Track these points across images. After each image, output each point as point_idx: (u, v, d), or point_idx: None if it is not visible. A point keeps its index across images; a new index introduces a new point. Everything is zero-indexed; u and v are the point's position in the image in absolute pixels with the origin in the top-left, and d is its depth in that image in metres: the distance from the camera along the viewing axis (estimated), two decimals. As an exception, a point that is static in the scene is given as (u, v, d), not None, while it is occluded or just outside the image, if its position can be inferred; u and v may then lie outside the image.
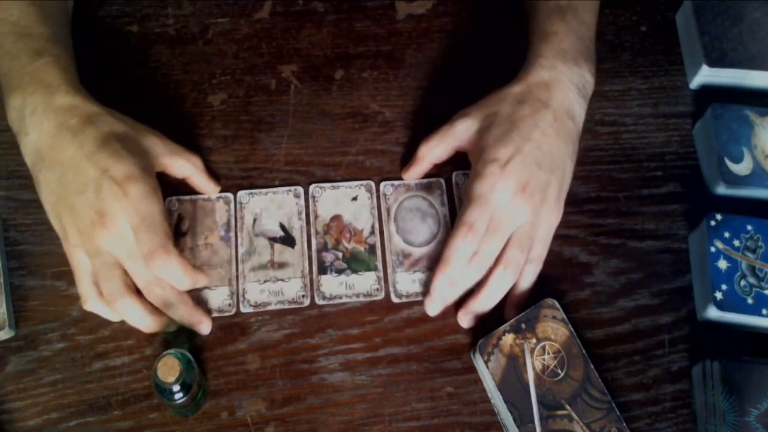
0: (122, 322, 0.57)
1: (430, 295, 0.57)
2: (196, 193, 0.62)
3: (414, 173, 0.62)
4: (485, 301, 0.57)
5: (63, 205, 0.52)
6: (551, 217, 0.57)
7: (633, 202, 0.64)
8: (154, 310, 0.54)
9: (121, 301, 0.52)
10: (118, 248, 0.52)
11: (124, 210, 0.51)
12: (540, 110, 0.57)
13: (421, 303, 0.59)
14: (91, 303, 0.53)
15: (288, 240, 0.61)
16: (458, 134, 0.60)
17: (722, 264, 0.59)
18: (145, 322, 0.53)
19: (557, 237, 0.62)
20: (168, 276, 0.53)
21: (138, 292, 0.54)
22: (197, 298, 0.58)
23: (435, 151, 0.60)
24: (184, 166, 0.58)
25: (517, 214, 0.55)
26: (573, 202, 0.64)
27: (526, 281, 0.58)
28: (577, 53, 0.59)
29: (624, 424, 0.54)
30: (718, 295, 0.58)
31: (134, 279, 0.53)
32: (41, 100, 0.53)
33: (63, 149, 0.52)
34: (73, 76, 0.56)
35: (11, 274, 0.59)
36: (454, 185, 0.63)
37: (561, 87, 0.58)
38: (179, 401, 0.51)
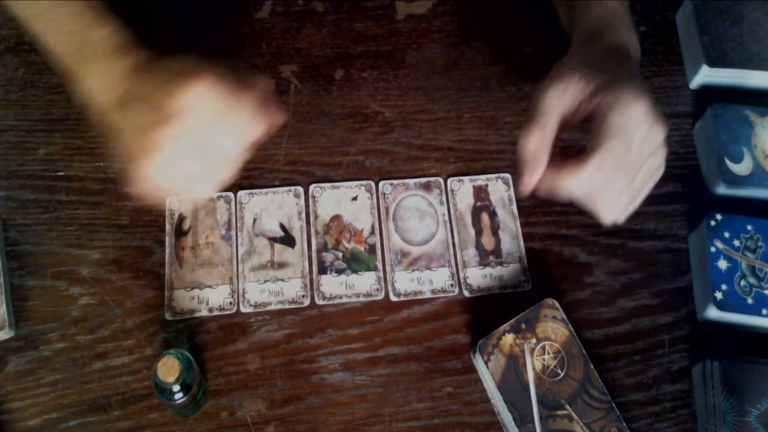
0: (122, 322, 0.57)
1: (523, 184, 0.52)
2: (196, 193, 0.62)
3: (531, 181, 0.53)
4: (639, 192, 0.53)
5: (143, 126, 0.51)
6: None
7: (633, 202, 0.64)
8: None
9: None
10: (200, 107, 0.50)
11: (206, 77, 0.50)
12: (626, 59, 0.55)
13: (420, 303, 0.59)
14: (215, 187, 0.52)
15: (288, 240, 0.61)
16: (559, 104, 0.52)
17: (722, 264, 0.59)
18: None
19: (557, 237, 0.62)
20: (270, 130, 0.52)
21: None
22: (199, 297, 0.58)
23: (543, 143, 0.52)
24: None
25: (653, 143, 0.51)
26: (573, 202, 0.63)
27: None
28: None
29: (624, 424, 0.54)
30: (718, 295, 0.58)
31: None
32: (118, 61, 0.54)
33: (144, 80, 0.52)
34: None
35: (11, 274, 0.59)
36: (449, 191, 0.63)
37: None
38: (179, 401, 0.51)
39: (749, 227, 0.60)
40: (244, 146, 0.52)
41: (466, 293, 0.60)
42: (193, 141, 0.51)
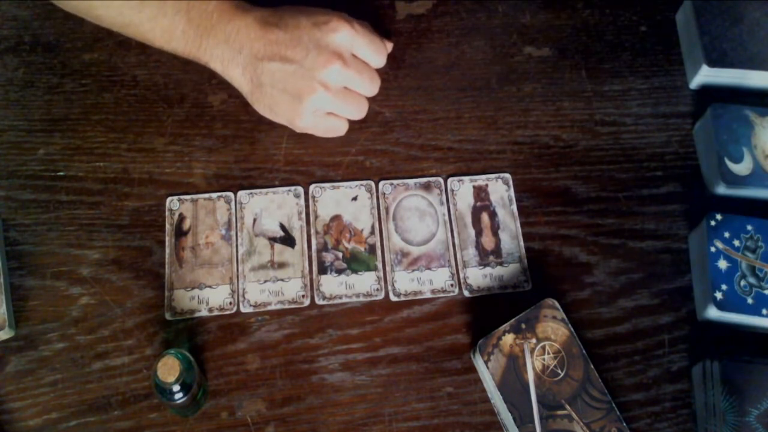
0: (122, 322, 0.57)
1: None
2: (197, 192, 0.62)
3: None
4: None
5: (292, 74, 0.58)
6: None
7: (633, 202, 0.64)
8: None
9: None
10: (348, 41, 0.60)
11: (341, 16, 0.59)
12: None
13: (420, 303, 0.59)
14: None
15: (288, 240, 0.61)
16: None
17: (722, 264, 0.59)
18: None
19: (557, 237, 0.62)
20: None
21: None
22: (199, 297, 0.58)
23: None
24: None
25: None
26: (573, 202, 0.64)
27: None
28: None
29: (624, 424, 0.54)
30: (718, 295, 0.58)
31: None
32: (240, 21, 0.58)
33: (277, 37, 0.58)
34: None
35: (11, 274, 0.59)
36: (449, 191, 0.63)
37: None
38: (179, 401, 0.51)
39: (749, 227, 0.60)
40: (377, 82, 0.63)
41: (466, 293, 0.60)
42: (344, 79, 0.60)
